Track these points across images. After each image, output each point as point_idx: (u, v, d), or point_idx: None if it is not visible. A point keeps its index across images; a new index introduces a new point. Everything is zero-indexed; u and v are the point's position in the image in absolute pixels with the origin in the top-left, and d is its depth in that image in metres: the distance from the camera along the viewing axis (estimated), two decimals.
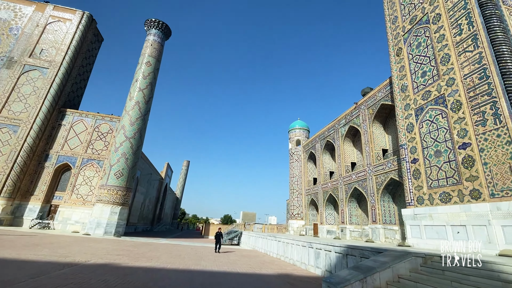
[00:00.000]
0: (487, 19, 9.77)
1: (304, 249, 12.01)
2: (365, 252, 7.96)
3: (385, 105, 16.89)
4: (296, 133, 31.48)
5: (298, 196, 28.47)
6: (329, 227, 22.63)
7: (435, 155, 10.91)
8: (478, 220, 8.79)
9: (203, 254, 14.74)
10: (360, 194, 18.88)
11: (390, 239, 15.10)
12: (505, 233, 8.05)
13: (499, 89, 8.77)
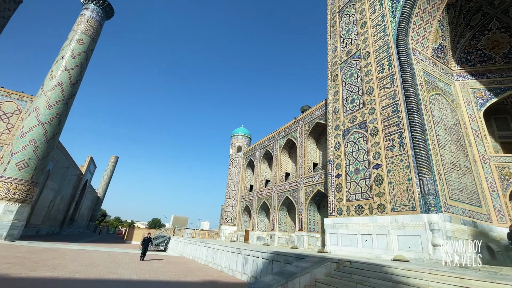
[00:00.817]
0: (401, 64, 11.88)
1: (233, 255, 12.05)
2: (289, 258, 8.47)
3: (320, 123, 18.66)
4: (238, 139, 31.88)
5: (234, 202, 28.63)
6: (260, 233, 23.36)
7: (354, 172, 12.52)
8: (381, 230, 10.38)
9: (123, 261, 13.30)
10: (290, 202, 20.13)
11: (312, 246, 16.46)
12: (399, 241, 9.69)
13: (405, 123, 10.71)
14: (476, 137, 12.55)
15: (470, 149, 12.16)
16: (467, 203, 10.33)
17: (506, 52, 13.80)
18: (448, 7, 13.28)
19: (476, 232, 9.71)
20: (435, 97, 12.26)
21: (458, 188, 10.47)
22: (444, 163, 10.62)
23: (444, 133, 11.47)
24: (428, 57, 13.43)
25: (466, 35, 14.33)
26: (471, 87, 13.66)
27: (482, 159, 12.07)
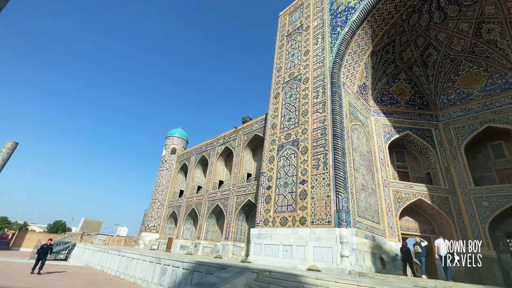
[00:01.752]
0: (333, 94, 13.45)
1: (150, 265, 11.07)
2: (211, 268, 8.27)
3: (258, 136, 19.35)
4: (174, 141, 30.25)
5: (160, 207, 26.66)
6: (184, 242, 22.25)
7: (284, 185, 13.31)
8: (301, 241, 11.20)
9: (2, 274, 10.66)
10: (220, 211, 19.94)
11: (236, 256, 16.54)
12: (314, 252, 10.61)
13: (330, 146, 12.06)
14: (382, 164, 15.03)
15: (376, 174, 14.43)
16: (370, 220, 12.12)
17: (407, 99, 17.19)
18: (372, 54, 15.86)
19: (374, 245, 11.43)
20: (355, 127, 14.24)
21: (365, 206, 12.23)
22: (357, 184, 12.31)
23: (359, 159, 13.35)
24: (354, 92, 15.63)
25: (382, 79, 17.28)
26: (382, 123, 16.42)
27: (384, 184, 14.47)
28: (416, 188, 14.41)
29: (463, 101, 15.89)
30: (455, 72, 16.40)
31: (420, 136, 15.93)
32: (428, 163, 15.86)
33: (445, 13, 15.16)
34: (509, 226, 13.04)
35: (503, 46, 14.50)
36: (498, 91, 14.72)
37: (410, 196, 14.21)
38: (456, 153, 14.85)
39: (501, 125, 13.95)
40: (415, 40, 16.32)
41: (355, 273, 8.95)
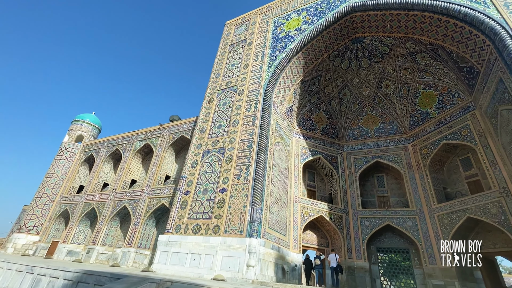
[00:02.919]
0: (263, 111, 14.23)
1: (18, 276, 8.83)
2: (103, 278, 7.19)
3: (184, 137, 18.54)
4: (83, 127, 25.87)
5: (48, 203, 21.92)
6: (74, 246, 18.79)
7: (203, 192, 13.01)
8: (211, 250, 11.04)
9: None
10: (127, 214, 17.86)
11: (138, 264, 14.97)
12: (222, 262, 10.60)
13: (254, 158, 12.58)
14: (295, 181, 16.56)
15: (289, 190, 15.77)
16: (278, 232, 13.03)
17: (323, 128, 19.75)
18: (302, 82, 17.70)
19: (278, 256, 12.28)
20: (278, 144, 15.36)
21: (276, 219, 13.11)
22: (272, 197, 13.13)
23: (277, 174, 14.36)
24: (282, 112, 16.95)
25: (307, 106, 19.39)
26: (301, 145, 18.25)
27: (295, 199, 15.92)
28: (319, 206, 16.40)
29: (362, 137, 19.32)
30: (360, 113, 19.90)
31: (328, 161, 18.40)
32: (331, 185, 18.38)
33: (360, 63, 18.40)
34: (380, 242, 16.22)
35: (393, 100, 18.51)
36: (386, 134, 18.56)
37: (314, 213, 16.05)
38: (353, 179, 17.76)
39: (385, 161, 17.53)
40: (336, 79, 19.11)
41: (257, 282, 9.35)
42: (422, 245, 14.13)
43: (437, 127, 15.73)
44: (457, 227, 13.13)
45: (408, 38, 15.14)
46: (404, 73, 17.30)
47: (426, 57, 15.48)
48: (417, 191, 15.63)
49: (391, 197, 17.34)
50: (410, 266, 14.92)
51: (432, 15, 12.95)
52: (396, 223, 15.31)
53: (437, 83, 15.97)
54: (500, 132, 11.64)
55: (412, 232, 14.68)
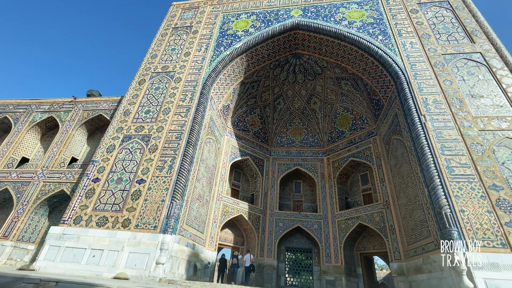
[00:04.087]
0: (199, 104, 13.78)
1: None
2: None
3: (103, 117, 16.26)
4: None
5: None
6: None
7: (116, 181, 11.64)
8: (117, 245, 9.94)
9: None
10: (8, 198, 14.42)
11: (15, 261, 12.23)
12: (129, 258, 9.68)
13: (181, 151, 12.02)
14: (221, 180, 16.60)
15: (214, 188, 15.70)
16: (195, 229, 12.76)
17: (256, 131, 20.50)
18: (242, 83, 17.97)
19: (192, 253, 12.01)
20: (209, 140, 15.12)
21: (195, 216, 12.80)
22: (194, 193, 12.78)
23: (204, 170, 14.09)
24: (218, 109, 16.79)
25: (243, 108, 19.77)
26: (232, 144, 18.45)
27: (218, 197, 15.93)
28: (241, 205, 16.87)
29: (288, 145, 20.91)
30: (290, 123, 21.51)
31: (256, 163, 19.17)
32: (255, 186, 19.19)
33: (296, 77, 19.92)
34: (290, 242, 17.79)
35: (318, 116, 20.74)
36: (308, 146, 20.59)
37: (235, 211, 16.40)
38: (275, 183, 18.98)
39: (304, 170, 19.40)
40: (273, 87, 20.15)
41: (165, 280, 8.90)
42: (323, 246, 16.18)
43: (348, 145, 18.38)
44: (350, 231, 15.58)
45: (338, 64, 17.25)
46: (330, 94, 19.61)
47: (348, 84, 17.94)
48: (325, 199, 17.84)
49: (304, 202, 19.28)
50: (311, 264, 16.86)
51: (358, 49, 15.12)
52: (305, 225, 17.09)
53: (353, 108, 18.70)
54: (390, 156, 14.44)
55: (316, 234, 16.65)
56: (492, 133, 10.36)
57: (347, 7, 16.58)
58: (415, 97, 11.91)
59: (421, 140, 10.66)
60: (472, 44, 13.29)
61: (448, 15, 14.98)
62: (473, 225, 8.56)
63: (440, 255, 8.86)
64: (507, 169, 9.45)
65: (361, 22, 15.56)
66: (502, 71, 12.07)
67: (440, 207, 9.09)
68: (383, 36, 14.62)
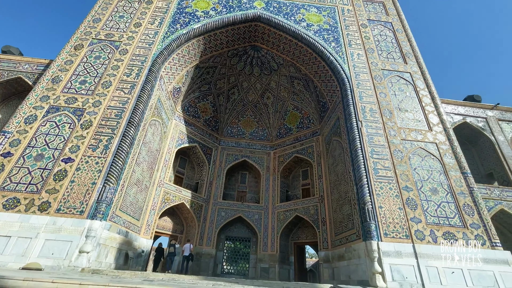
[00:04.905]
0: (146, 82, 12.67)
1: None
2: None
3: (23, 81, 13.68)
4: None
5: None
6: None
7: (35, 158, 9.99)
8: (29, 232, 8.59)
9: None
10: None
11: None
12: (44, 246, 8.48)
13: (120, 130, 10.93)
14: (164, 166, 15.76)
15: (156, 173, 14.82)
16: (131, 215, 11.89)
17: (207, 118, 19.97)
18: (196, 67, 17.18)
19: (124, 241, 11.19)
20: (155, 122, 14.13)
21: (131, 201, 11.91)
22: (132, 178, 11.84)
23: (145, 153, 13.14)
24: (168, 90, 15.75)
25: (195, 93, 19.00)
26: (180, 129, 17.63)
27: (159, 183, 15.11)
28: (183, 193, 16.35)
29: (238, 136, 21.00)
30: (242, 114, 21.57)
31: (203, 151, 18.74)
32: (200, 174, 18.80)
33: (253, 70, 19.97)
34: (230, 232, 18.07)
35: (270, 111, 21.28)
36: (257, 139, 21.03)
37: (177, 199, 15.83)
38: (221, 173, 18.91)
39: (251, 162, 19.79)
40: (229, 76, 19.84)
41: (89, 270, 8.10)
42: (261, 235, 16.89)
43: (294, 142, 19.40)
44: (288, 222, 16.62)
45: (293, 63, 17.87)
46: (283, 91, 20.27)
47: (300, 84, 18.81)
48: (268, 191, 18.58)
49: (248, 193, 19.74)
50: (248, 253, 17.47)
51: (313, 52, 15.90)
52: (247, 215, 17.55)
53: (302, 108, 19.73)
54: (329, 155, 15.77)
55: (256, 224, 17.27)
56: (410, 142, 12.19)
57: (307, 9, 17.21)
58: (356, 104, 13.18)
59: (356, 143, 11.90)
60: (405, 65, 15.29)
61: (390, 35, 16.87)
62: (387, 219, 10.01)
63: (359, 244, 10.15)
64: (417, 174, 11.27)
65: (318, 26, 16.37)
66: (423, 92, 14.23)
67: (364, 203, 10.36)
68: (335, 44, 15.67)
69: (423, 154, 11.88)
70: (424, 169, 11.43)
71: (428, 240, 9.63)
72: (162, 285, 5.74)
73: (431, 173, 11.34)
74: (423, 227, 9.88)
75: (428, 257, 9.21)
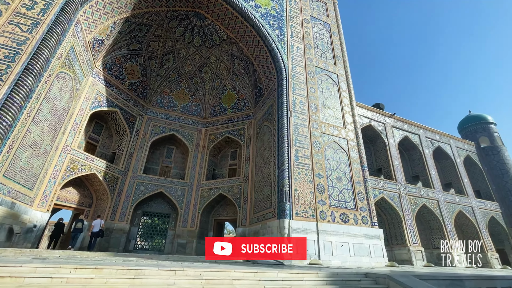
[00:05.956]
0: (57, 22, 10.20)
1: None
2: None
3: None
4: None
5: None
6: None
7: None
8: None
9: None
10: None
11: None
12: None
13: (12, 77, 8.62)
14: (73, 129, 13.42)
15: (61, 137, 12.50)
16: (21, 184, 9.81)
17: (133, 82, 17.75)
18: (126, 20, 14.81)
19: (9, 214, 9.23)
20: (64, 75, 11.70)
21: (23, 167, 9.78)
22: (27, 139, 9.67)
23: (48, 111, 10.84)
24: (86, 40, 13.15)
25: (122, 51, 16.51)
26: (98, 89, 15.17)
27: (65, 149, 12.86)
28: (96, 163, 14.43)
29: (169, 108, 19.58)
30: (176, 85, 20.07)
31: (126, 118, 16.76)
32: (119, 144, 16.86)
33: (193, 39, 18.58)
34: (148, 207, 17.12)
35: (207, 87, 20.48)
36: (190, 113, 20.09)
37: (87, 169, 13.86)
38: (144, 144, 17.41)
39: (180, 137, 18.88)
40: (165, 40, 17.94)
41: None
42: (182, 212, 16.65)
43: (227, 122, 19.39)
44: (211, 199, 16.85)
45: (236, 42, 17.44)
46: (222, 69, 19.71)
47: (241, 64, 18.63)
48: (195, 168, 18.23)
49: (173, 168, 18.92)
50: (166, 229, 17.02)
51: (257, 35, 15.84)
52: (169, 191, 16.90)
53: (240, 89, 19.72)
54: (258, 139, 16.47)
55: (178, 200, 16.87)
56: (327, 136, 13.86)
57: None
58: (289, 94, 13.99)
59: (284, 131, 12.76)
60: (334, 66, 16.97)
61: (327, 36, 18.29)
62: (300, 201, 11.30)
63: (274, 222, 11.19)
64: (329, 164, 13.00)
65: (266, 10, 16.30)
66: (345, 93, 16.21)
67: (283, 185, 11.38)
68: (279, 32, 16.00)
69: (336, 147, 13.73)
70: (334, 160, 13.26)
71: (328, 219, 11.39)
72: (58, 263, 5.03)
73: (339, 164, 13.26)
74: (326, 209, 11.60)
75: (327, 234, 10.94)
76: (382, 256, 11.65)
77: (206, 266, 6.40)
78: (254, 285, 5.57)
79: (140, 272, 5.14)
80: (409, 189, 18.46)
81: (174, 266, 6.04)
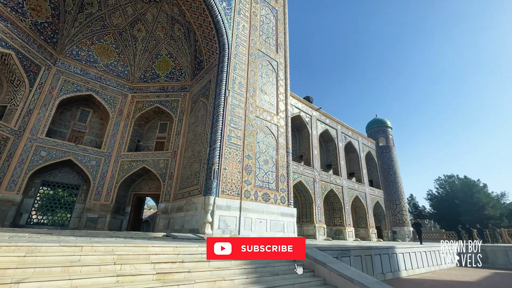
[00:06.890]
0: None
1: None
2: None
3: None
4: None
5: None
6: None
7: None
8: None
9: None
10: None
11: None
12: None
13: None
14: None
15: None
16: None
17: (39, 22, 14.16)
18: None
19: None
20: None
21: None
22: None
23: None
24: None
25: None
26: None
27: None
28: None
29: (88, 63, 16.58)
30: (99, 37, 17.01)
31: (24, 66, 13.41)
32: (13, 96, 13.49)
33: None
34: (51, 176, 14.59)
35: (138, 47, 18.11)
36: (114, 74, 17.52)
37: None
38: (50, 102, 14.43)
39: (100, 99, 16.39)
40: None
41: None
42: (96, 184, 14.84)
43: (159, 91, 17.81)
44: (132, 172, 15.52)
45: (179, 4, 15.80)
46: (159, 30, 17.69)
47: (181, 30, 17.10)
48: (115, 137, 16.29)
49: (87, 134, 16.44)
50: (73, 202, 14.95)
51: (202, 2, 14.69)
52: (80, 160, 14.72)
53: (177, 57, 18.20)
54: (192, 114, 15.80)
55: (92, 171, 14.91)
56: (261, 120, 14.41)
57: None
58: (229, 73, 13.73)
59: (220, 109, 12.59)
60: (276, 53, 17.42)
61: (273, 21, 18.46)
62: (228, 179, 11.59)
63: (199, 198, 11.21)
64: (259, 147, 13.63)
65: None
66: (282, 82, 16.97)
67: (213, 163, 11.40)
68: (227, 5, 15.24)
69: (267, 132, 14.45)
70: (264, 144, 13.97)
71: (252, 198, 12.12)
72: None
73: (268, 148, 14.06)
74: (251, 188, 12.28)
75: (249, 211, 11.66)
76: (293, 232, 13.24)
77: (120, 242, 5.99)
78: (173, 259, 5.55)
79: (34, 248, 4.42)
80: (322, 176, 21.23)
81: (81, 241, 5.43)
